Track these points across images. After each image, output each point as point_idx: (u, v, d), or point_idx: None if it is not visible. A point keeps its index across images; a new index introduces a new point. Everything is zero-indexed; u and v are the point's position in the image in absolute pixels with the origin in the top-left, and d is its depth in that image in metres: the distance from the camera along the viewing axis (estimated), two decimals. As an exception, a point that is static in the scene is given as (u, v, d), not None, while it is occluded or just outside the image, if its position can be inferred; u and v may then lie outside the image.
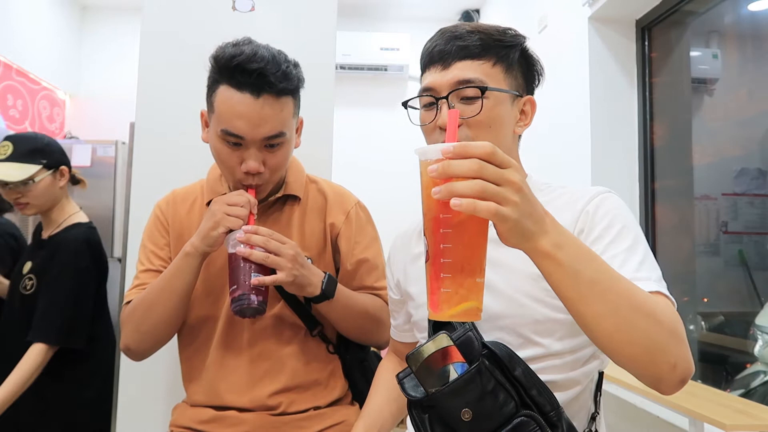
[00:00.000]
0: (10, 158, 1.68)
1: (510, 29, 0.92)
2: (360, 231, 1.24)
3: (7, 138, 1.74)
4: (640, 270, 0.75)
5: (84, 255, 1.71)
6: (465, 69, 0.87)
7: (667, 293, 0.74)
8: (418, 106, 0.93)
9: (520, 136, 0.97)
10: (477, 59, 0.87)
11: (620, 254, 0.76)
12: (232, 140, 1.06)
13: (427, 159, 0.62)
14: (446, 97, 0.87)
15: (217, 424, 1.14)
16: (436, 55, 0.89)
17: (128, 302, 1.17)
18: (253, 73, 1.03)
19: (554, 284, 0.67)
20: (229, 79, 1.05)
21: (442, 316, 0.62)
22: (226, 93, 1.05)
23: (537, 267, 0.66)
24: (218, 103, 1.06)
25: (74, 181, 1.88)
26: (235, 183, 1.12)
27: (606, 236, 0.80)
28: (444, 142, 0.66)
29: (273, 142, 1.08)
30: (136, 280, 1.20)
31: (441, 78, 0.88)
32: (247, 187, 1.10)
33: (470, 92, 0.85)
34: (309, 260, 1.14)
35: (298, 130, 1.19)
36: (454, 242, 0.61)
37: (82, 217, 1.82)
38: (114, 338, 1.90)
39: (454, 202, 0.57)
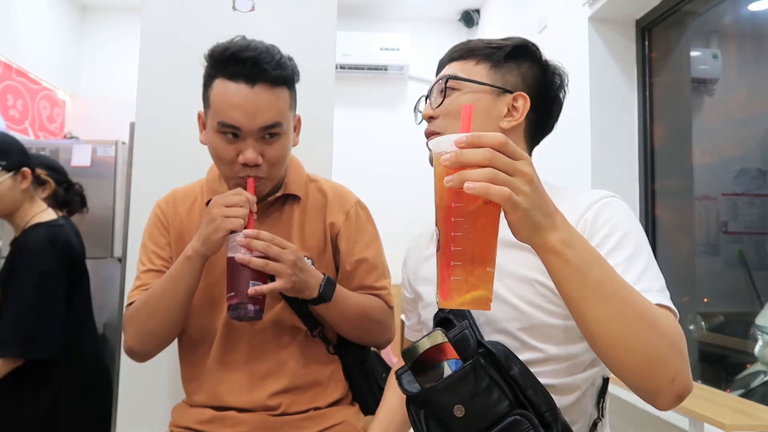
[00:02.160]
0: None
1: (514, 37, 0.96)
2: (360, 230, 1.24)
3: None
4: (640, 280, 0.74)
5: (46, 256, 1.58)
6: (449, 69, 0.95)
7: (670, 304, 0.73)
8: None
9: (535, 140, 0.98)
10: (461, 60, 0.95)
11: (620, 264, 0.75)
12: (230, 132, 1.05)
13: (440, 151, 0.62)
14: (429, 94, 0.96)
15: (217, 424, 1.14)
16: (438, 66, 1.00)
17: (130, 303, 1.16)
18: (246, 61, 1.03)
19: (559, 282, 0.66)
20: (223, 71, 1.05)
21: (452, 304, 0.62)
22: (221, 85, 1.05)
23: (544, 263, 0.66)
24: (214, 96, 1.06)
25: (39, 181, 1.76)
26: (234, 181, 1.11)
27: (606, 245, 0.78)
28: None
29: (270, 132, 1.07)
30: (137, 280, 1.20)
31: (434, 81, 0.97)
32: (245, 182, 1.08)
33: (443, 85, 0.93)
34: (309, 260, 1.13)
35: (297, 128, 1.18)
36: (465, 231, 0.61)
37: (45, 216, 1.68)
38: (95, 345, 1.80)
39: (467, 185, 0.58)
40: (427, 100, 0.97)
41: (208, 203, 1.17)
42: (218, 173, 1.21)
